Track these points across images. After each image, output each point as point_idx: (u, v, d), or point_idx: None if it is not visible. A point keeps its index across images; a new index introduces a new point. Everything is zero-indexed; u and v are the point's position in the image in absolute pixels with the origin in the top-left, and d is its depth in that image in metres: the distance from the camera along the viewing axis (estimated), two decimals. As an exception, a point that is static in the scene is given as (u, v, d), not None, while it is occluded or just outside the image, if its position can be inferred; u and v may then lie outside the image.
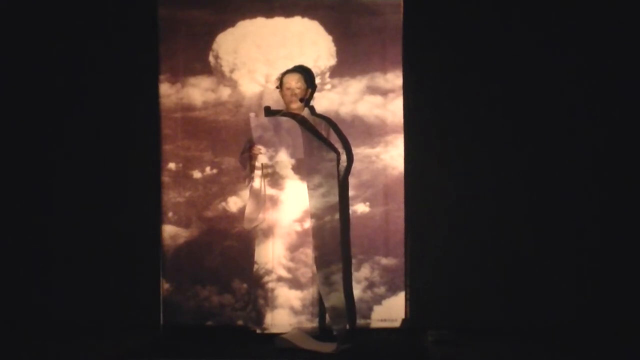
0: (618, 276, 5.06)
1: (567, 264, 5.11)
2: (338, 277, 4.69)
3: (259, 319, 4.84)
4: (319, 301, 4.79)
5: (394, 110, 5.20)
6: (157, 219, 5.25)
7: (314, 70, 5.17)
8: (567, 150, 5.14)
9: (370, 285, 5.20)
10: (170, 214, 5.26)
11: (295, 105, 4.93)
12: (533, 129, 5.15)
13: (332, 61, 5.23)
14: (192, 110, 5.28)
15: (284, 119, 4.74)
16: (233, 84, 5.27)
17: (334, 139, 4.94)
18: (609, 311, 5.02)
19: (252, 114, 4.78)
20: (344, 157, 4.93)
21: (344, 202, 5.01)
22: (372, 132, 5.21)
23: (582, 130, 5.13)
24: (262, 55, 5.25)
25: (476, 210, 5.14)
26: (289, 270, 4.83)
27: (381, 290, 5.19)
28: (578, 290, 5.08)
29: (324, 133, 4.93)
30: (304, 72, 5.00)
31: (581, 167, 5.13)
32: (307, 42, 5.23)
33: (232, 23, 5.27)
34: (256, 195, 4.85)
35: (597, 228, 5.10)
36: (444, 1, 5.20)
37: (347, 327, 4.77)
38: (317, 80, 5.18)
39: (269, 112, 5.11)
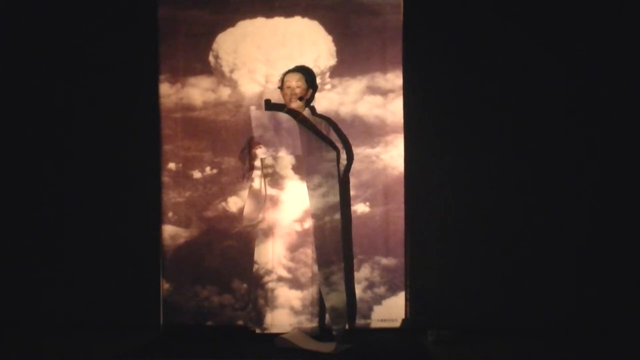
0: (618, 276, 5.06)
1: (567, 263, 5.11)
2: (339, 277, 4.70)
3: (259, 319, 4.83)
4: (319, 301, 4.79)
5: (394, 110, 5.20)
6: (157, 219, 5.25)
7: (314, 70, 5.16)
8: (567, 150, 5.14)
9: (370, 285, 5.20)
10: (170, 214, 5.26)
11: (295, 105, 4.92)
12: (533, 129, 5.15)
13: (332, 61, 5.23)
14: (192, 110, 5.28)
15: (285, 115, 4.73)
16: (233, 84, 5.27)
17: (334, 138, 4.94)
18: (609, 311, 5.03)
19: (252, 107, 4.87)
20: (344, 155, 4.94)
21: (344, 201, 5.00)
22: (372, 132, 5.21)
23: (583, 130, 5.13)
24: (262, 55, 5.25)
25: (476, 210, 5.14)
26: (289, 270, 4.82)
27: (381, 290, 5.19)
28: (578, 290, 5.08)
29: (324, 132, 4.92)
30: (305, 72, 4.99)
31: (581, 167, 5.13)
32: (307, 42, 5.24)
33: (232, 23, 5.27)
34: (256, 195, 4.85)
35: (597, 228, 5.10)
36: (444, 1, 5.20)
37: (346, 327, 4.78)
38: (317, 80, 5.18)
39: (269, 105, 5.09)
